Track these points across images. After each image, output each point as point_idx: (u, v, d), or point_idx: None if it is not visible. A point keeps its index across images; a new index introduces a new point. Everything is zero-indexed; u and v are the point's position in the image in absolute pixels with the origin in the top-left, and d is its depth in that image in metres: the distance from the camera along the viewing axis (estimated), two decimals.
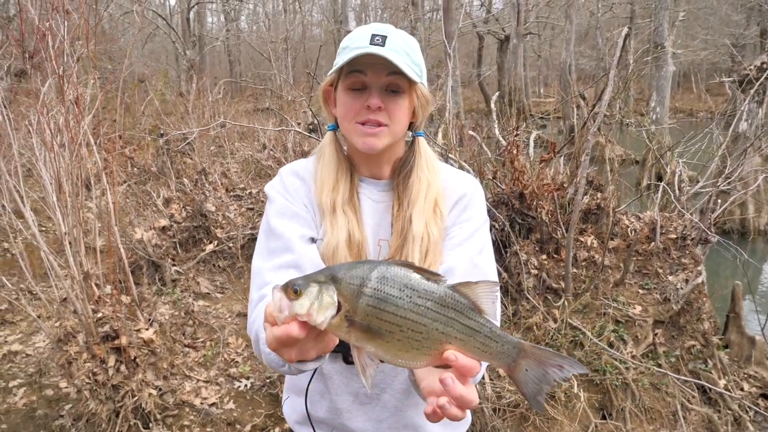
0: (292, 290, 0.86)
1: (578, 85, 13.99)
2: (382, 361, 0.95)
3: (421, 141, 1.51)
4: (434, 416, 0.94)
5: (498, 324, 1.16)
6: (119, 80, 4.56)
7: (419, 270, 0.91)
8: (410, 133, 1.53)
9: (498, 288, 1.05)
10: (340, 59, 1.37)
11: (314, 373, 1.51)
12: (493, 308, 0.94)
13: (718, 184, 3.97)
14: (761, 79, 6.09)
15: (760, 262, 8.12)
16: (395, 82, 1.36)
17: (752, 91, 6.21)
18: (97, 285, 3.65)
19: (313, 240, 1.44)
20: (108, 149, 4.91)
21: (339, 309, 0.87)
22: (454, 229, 1.46)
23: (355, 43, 1.35)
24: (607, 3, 21.75)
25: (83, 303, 3.43)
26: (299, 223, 1.42)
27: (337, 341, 1.00)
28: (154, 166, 7.16)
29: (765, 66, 7.77)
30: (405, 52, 1.35)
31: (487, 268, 1.42)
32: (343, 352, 1.45)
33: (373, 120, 1.35)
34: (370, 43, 1.32)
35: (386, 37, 1.34)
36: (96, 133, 3.53)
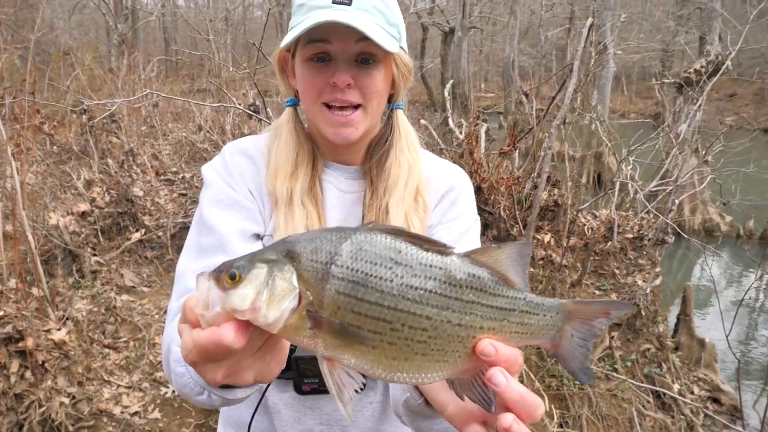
0: (228, 275, 0.58)
1: (521, 81, 14.11)
2: (365, 376, 0.64)
3: (400, 115, 1.24)
4: None
5: None
6: (34, 47, 4.00)
7: (414, 238, 0.62)
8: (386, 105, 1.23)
9: (531, 250, 0.76)
10: (297, 22, 1.09)
11: (259, 403, 1.18)
12: (524, 276, 0.68)
13: (677, 182, 3.90)
14: (711, 83, 6.18)
15: (693, 260, 8.36)
16: (367, 51, 1.08)
17: (703, 92, 6.30)
18: None
19: (258, 236, 1.14)
20: (22, 122, 4.31)
21: (300, 301, 0.59)
22: (440, 229, 1.20)
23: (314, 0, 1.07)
24: (548, 2, 22.15)
25: None
26: (240, 215, 1.13)
27: (285, 359, 0.69)
28: (76, 145, 6.50)
29: (704, 69, 7.96)
30: (377, 9, 1.08)
31: None
32: (296, 378, 1.14)
33: (342, 99, 1.08)
34: (333, 2, 1.05)
35: None
36: (1, 102, 3.02)
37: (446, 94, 5.46)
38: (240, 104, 4.79)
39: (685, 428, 3.54)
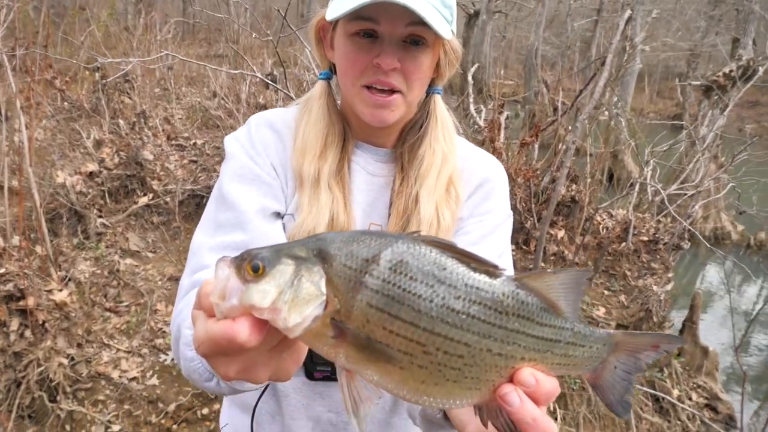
0: (251, 266, 0.52)
1: (543, 70, 13.87)
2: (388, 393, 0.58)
3: (438, 101, 1.17)
4: None
5: None
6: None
7: (463, 255, 0.56)
8: None
9: (588, 276, 0.71)
10: None
11: (265, 388, 1.14)
12: (576, 305, 0.63)
13: (699, 187, 3.80)
14: (744, 89, 6.02)
15: (700, 267, 8.27)
16: (417, 33, 1.01)
17: (736, 96, 6.16)
18: (2, 234, 3.11)
19: (279, 215, 1.08)
20: (30, 73, 4.22)
21: (326, 307, 0.53)
22: (471, 223, 1.15)
23: None
24: None
25: None
26: (261, 191, 1.08)
27: (302, 359, 0.64)
28: (87, 102, 6.41)
29: (732, 74, 7.78)
30: None
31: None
32: (308, 364, 1.09)
33: (384, 82, 1.02)
34: None
35: None
36: (12, 53, 2.93)
37: (469, 78, 5.34)
38: (258, 73, 4.69)
39: None
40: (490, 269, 0.57)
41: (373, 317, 0.53)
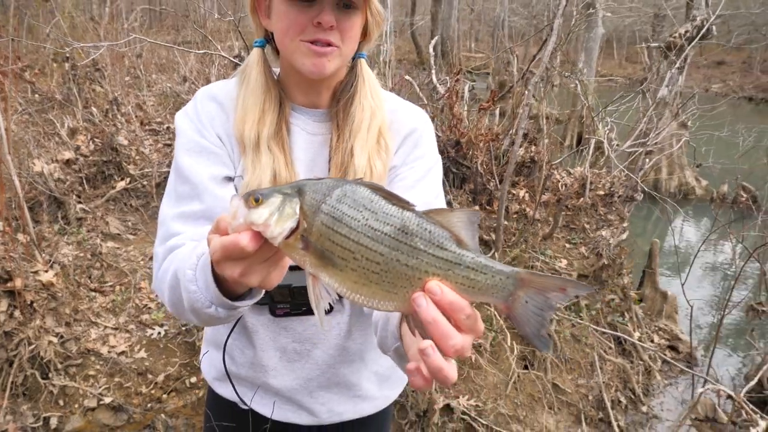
0: (254, 198, 0.76)
1: (510, 41, 14.01)
2: (341, 297, 0.80)
3: (364, 64, 1.32)
4: (417, 374, 0.76)
5: None
6: None
7: (388, 195, 0.77)
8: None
9: (479, 217, 0.89)
10: None
11: (234, 325, 1.34)
12: (474, 240, 0.78)
13: (648, 143, 4.03)
14: (689, 47, 6.24)
15: (668, 222, 8.61)
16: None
17: (681, 57, 6.37)
18: None
19: (229, 179, 1.24)
20: (1, 67, 4.30)
21: (298, 225, 0.76)
22: (404, 170, 1.29)
23: None
24: None
25: None
26: (210, 160, 1.22)
27: (283, 275, 0.85)
28: (58, 93, 6.45)
29: (689, 34, 8.00)
30: None
31: None
32: (270, 304, 1.27)
33: (323, 39, 1.14)
34: None
35: None
36: None
37: (430, 50, 5.50)
38: (224, 53, 4.79)
39: (642, 373, 3.76)
40: (405, 204, 0.76)
41: (324, 232, 0.75)
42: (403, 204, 0.76)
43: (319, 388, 1.36)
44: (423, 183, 1.28)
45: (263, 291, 0.99)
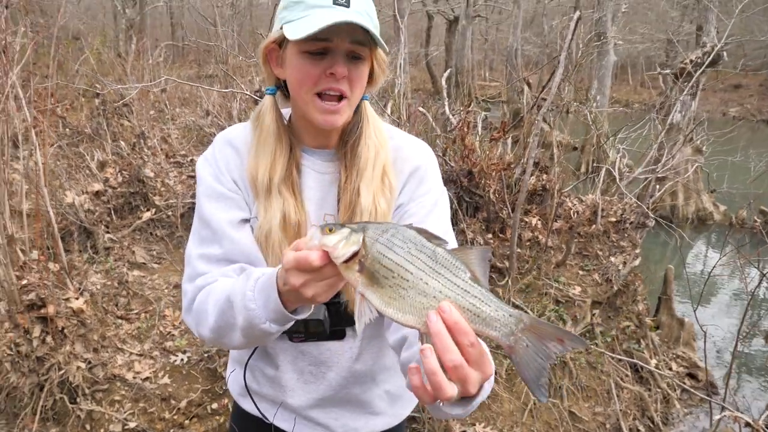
0: (328, 228, 0.95)
1: (524, 70, 14.20)
2: (380, 315, 0.95)
3: (367, 105, 1.41)
4: (416, 373, 0.89)
5: None
6: (53, 32, 4.22)
7: (429, 235, 0.94)
8: None
9: (490, 253, 1.04)
10: (295, 17, 1.22)
11: (255, 348, 1.49)
12: (485, 276, 0.92)
13: (657, 170, 4.11)
14: (697, 74, 6.33)
15: (687, 248, 8.57)
16: (357, 50, 1.24)
17: (690, 83, 6.45)
18: (22, 250, 3.41)
19: (246, 220, 1.36)
20: (38, 106, 4.55)
21: (357, 252, 0.93)
22: (412, 206, 1.38)
23: None
24: None
25: (6, 268, 3.20)
26: (227, 205, 1.34)
27: (330, 295, 1.02)
28: (88, 127, 6.73)
29: (699, 60, 8.09)
30: (367, 13, 1.24)
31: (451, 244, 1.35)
32: (287, 333, 1.38)
33: (336, 89, 1.23)
34: (334, 3, 1.20)
35: None
36: (26, 87, 3.25)
37: (443, 82, 5.67)
38: (246, 90, 5.00)
39: (661, 401, 3.77)
40: (439, 242, 0.93)
41: (377, 258, 0.91)
42: (438, 241, 0.93)
43: (333, 406, 1.48)
44: (432, 217, 1.37)
45: (310, 308, 1.14)
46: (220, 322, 1.20)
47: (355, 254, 0.93)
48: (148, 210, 4.91)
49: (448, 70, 7.89)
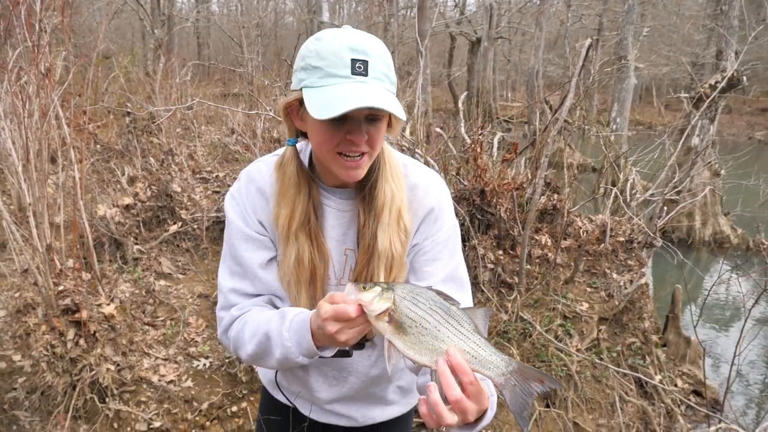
0: (362, 286, 1.17)
1: (545, 91, 14.34)
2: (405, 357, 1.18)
3: (386, 147, 1.47)
4: (423, 404, 1.11)
5: None
6: (92, 54, 4.52)
7: (446, 297, 1.17)
8: None
9: (490, 313, 1.33)
10: (312, 84, 1.25)
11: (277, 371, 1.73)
12: (484, 329, 1.15)
13: (665, 192, 4.22)
14: (711, 96, 6.42)
15: (703, 271, 8.57)
16: (376, 114, 1.29)
17: (702, 108, 6.55)
18: (59, 259, 3.65)
19: (272, 259, 1.51)
20: (76, 124, 4.84)
21: (389, 307, 1.14)
22: (427, 243, 1.49)
23: (332, 66, 1.23)
24: (576, 14, 22.25)
25: (45, 275, 3.43)
26: (256, 246, 1.48)
27: (358, 339, 1.22)
28: (118, 144, 7.06)
29: (718, 84, 8.16)
30: (385, 74, 1.28)
31: (462, 276, 1.54)
32: None
33: (356, 150, 1.30)
34: (352, 73, 1.22)
35: (368, 61, 1.24)
36: (65, 106, 3.52)
37: (460, 105, 5.86)
38: (271, 110, 5.25)
39: (664, 416, 3.85)
40: (453, 302, 1.16)
41: (404, 311, 1.13)
42: (452, 301, 1.16)
43: (354, 401, 1.71)
44: (444, 252, 1.50)
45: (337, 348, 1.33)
46: (258, 351, 1.42)
47: (386, 308, 1.14)
48: (174, 223, 5.15)
49: (465, 93, 8.08)
